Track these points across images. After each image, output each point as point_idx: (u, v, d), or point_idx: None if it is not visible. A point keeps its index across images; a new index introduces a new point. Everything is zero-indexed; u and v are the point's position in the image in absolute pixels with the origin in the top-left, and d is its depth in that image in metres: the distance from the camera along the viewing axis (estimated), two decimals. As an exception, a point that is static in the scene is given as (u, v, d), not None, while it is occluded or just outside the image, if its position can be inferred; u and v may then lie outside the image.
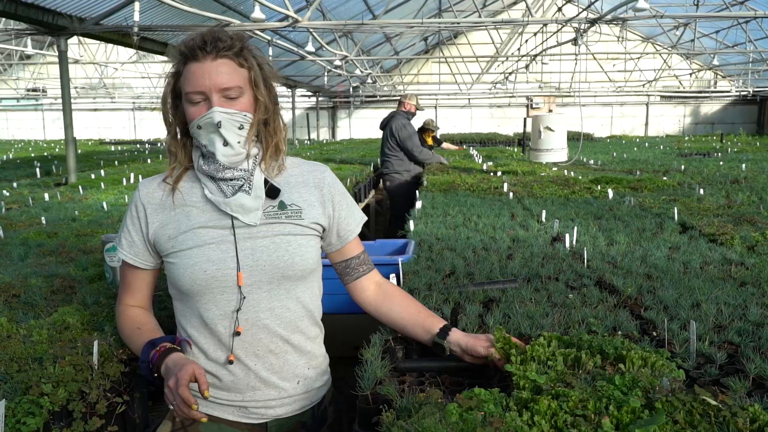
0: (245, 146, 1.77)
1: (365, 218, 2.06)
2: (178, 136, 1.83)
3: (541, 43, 17.92)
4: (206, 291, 1.76)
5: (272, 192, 1.81)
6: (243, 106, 1.74)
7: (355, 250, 2.03)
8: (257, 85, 1.76)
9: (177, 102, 1.79)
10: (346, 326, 3.95)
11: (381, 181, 9.04)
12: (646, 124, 28.93)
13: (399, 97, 8.93)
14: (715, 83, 28.17)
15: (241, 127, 1.74)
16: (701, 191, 5.73)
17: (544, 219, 4.36)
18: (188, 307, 1.82)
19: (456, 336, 1.93)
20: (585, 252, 3.21)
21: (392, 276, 2.55)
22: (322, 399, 1.99)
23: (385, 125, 8.74)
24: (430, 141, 9.76)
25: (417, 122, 9.30)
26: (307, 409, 1.92)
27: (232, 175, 1.76)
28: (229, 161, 1.75)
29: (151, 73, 25.34)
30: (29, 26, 9.65)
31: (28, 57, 24.31)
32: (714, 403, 1.45)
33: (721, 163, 9.46)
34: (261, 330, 1.80)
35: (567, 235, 3.55)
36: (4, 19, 11.80)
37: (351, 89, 27.85)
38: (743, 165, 8.64)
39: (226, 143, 1.72)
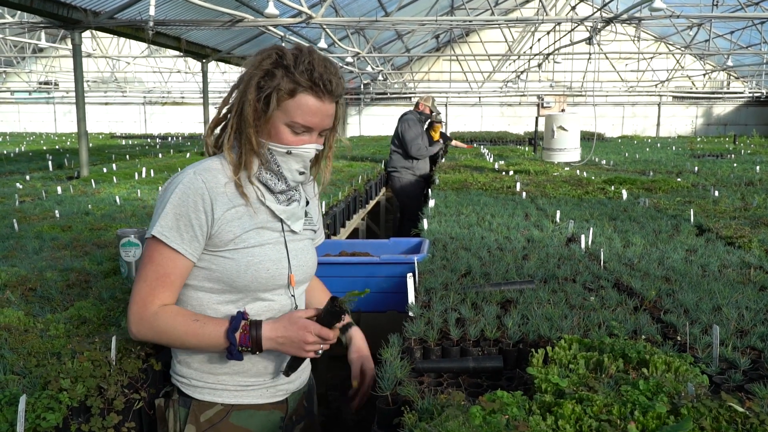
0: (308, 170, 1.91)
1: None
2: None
3: (554, 42, 17.84)
4: (261, 289, 1.83)
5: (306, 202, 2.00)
6: (322, 141, 1.89)
7: None
8: (338, 120, 1.90)
9: (257, 103, 1.76)
10: (357, 324, 3.96)
11: (387, 178, 9.09)
12: (658, 124, 28.74)
13: (412, 97, 9.06)
14: (728, 84, 27.96)
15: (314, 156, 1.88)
16: (716, 193, 5.68)
17: (558, 219, 4.33)
18: (228, 301, 1.83)
19: (353, 333, 2.16)
20: (601, 253, 3.19)
21: (409, 275, 2.53)
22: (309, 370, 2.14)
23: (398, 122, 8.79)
24: (437, 137, 9.77)
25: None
26: (306, 382, 2.08)
27: (290, 191, 1.90)
28: (296, 183, 1.89)
29: (163, 68, 25.37)
30: (44, 19, 9.66)
31: (41, 50, 24.41)
32: (741, 409, 1.43)
33: (735, 164, 9.38)
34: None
35: (582, 236, 3.52)
36: (18, 11, 11.83)
37: (362, 86, 27.81)
38: (757, 167, 8.56)
39: (302, 173, 1.86)
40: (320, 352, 1.76)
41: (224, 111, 1.85)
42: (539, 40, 20.00)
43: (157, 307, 1.75)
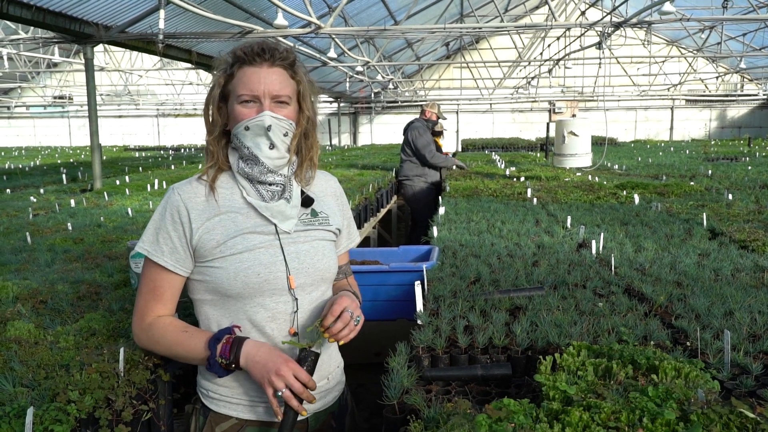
0: (288, 152, 1.85)
1: (359, 239, 2.13)
2: (219, 138, 1.87)
3: (564, 48, 17.80)
4: (257, 294, 1.79)
5: (307, 201, 1.92)
6: (289, 114, 1.83)
7: (343, 260, 2.12)
8: (304, 99, 1.86)
9: (221, 104, 1.85)
10: (366, 333, 3.93)
11: (399, 186, 9.08)
12: (671, 128, 28.56)
13: (421, 104, 8.97)
14: (742, 86, 27.75)
15: (286, 134, 1.82)
16: (730, 196, 5.62)
17: (569, 225, 4.31)
18: (230, 312, 1.82)
19: None
20: (612, 259, 3.16)
21: (417, 284, 2.53)
22: (343, 389, 2.06)
23: (405, 131, 8.80)
24: (440, 144, 9.81)
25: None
26: (335, 401, 1.98)
27: (273, 179, 1.84)
28: (273, 164, 1.82)
29: (175, 80, 25.59)
30: (57, 34, 9.77)
31: (55, 65, 24.68)
32: (752, 415, 1.40)
33: (750, 167, 9.29)
34: (304, 330, 1.85)
35: (593, 242, 3.50)
36: (32, 27, 11.98)
37: (372, 95, 27.87)
38: (772, 169, 8.48)
39: (272, 146, 1.80)
40: (281, 393, 1.63)
41: None
42: (549, 45, 19.95)
43: (152, 319, 1.81)
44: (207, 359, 1.71)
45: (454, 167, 9.11)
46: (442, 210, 5.05)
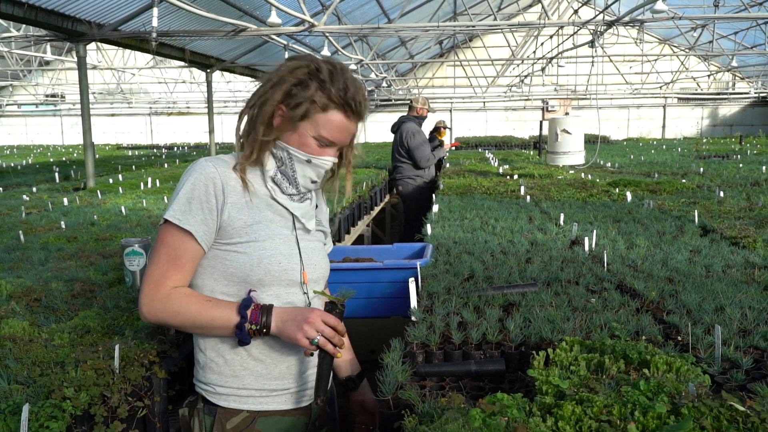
0: (321, 180, 1.96)
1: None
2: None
3: (557, 46, 17.83)
4: (275, 283, 1.84)
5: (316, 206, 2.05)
6: (337, 155, 1.94)
7: None
8: (352, 142, 1.96)
9: (283, 108, 1.83)
10: (361, 330, 3.94)
11: (394, 186, 8.98)
12: (663, 126, 28.67)
13: (409, 101, 8.82)
14: (734, 85, 27.87)
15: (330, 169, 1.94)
16: (721, 194, 5.66)
17: (562, 222, 4.33)
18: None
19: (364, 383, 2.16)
20: (605, 255, 3.18)
21: (411, 280, 2.54)
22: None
23: (396, 130, 8.63)
24: (442, 137, 9.87)
25: (429, 123, 9.25)
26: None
27: (295, 191, 1.93)
28: (306, 187, 1.93)
29: (168, 79, 25.50)
30: (49, 32, 9.72)
31: (47, 63, 24.59)
32: (742, 408, 1.42)
33: (741, 165, 9.35)
34: None
35: (586, 239, 3.52)
36: (23, 25, 11.93)
37: (366, 93, 27.79)
38: (764, 167, 8.53)
39: (315, 181, 1.91)
40: (317, 340, 1.71)
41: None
42: (542, 44, 19.98)
43: (169, 289, 1.77)
44: (236, 325, 1.74)
45: (445, 155, 9.18)
46: (435, 208, 5.07)
